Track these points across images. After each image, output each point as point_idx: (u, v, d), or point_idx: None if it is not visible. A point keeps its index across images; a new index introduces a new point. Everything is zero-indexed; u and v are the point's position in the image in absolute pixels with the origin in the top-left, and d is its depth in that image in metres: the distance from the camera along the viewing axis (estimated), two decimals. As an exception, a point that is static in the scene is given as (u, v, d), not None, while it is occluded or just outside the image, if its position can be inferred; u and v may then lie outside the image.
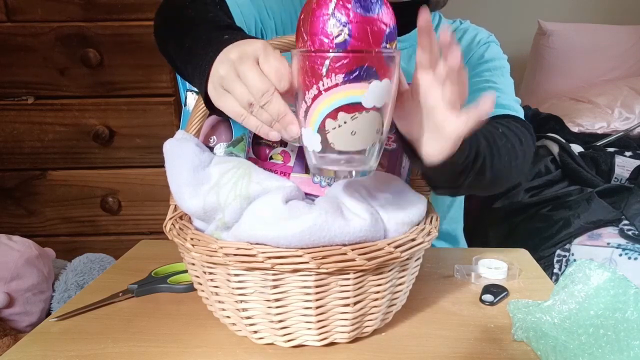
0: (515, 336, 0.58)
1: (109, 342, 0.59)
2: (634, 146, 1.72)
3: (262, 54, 0.47)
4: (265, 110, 0.47)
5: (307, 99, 0.46)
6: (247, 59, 0.47)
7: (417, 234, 0.55)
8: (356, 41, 0.43)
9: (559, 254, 1.29)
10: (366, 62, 0.43)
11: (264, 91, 0.46)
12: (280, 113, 0.47)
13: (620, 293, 0.54)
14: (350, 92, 0.44)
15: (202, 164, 0.54)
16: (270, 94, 0.46)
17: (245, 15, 0.76)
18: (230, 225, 0.52)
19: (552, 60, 2.21)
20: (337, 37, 0.43)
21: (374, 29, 0.44)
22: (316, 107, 0.45)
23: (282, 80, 0.46)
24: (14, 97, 1.39)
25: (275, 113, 0.47)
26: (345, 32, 0.43)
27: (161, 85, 1.39)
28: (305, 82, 0.45)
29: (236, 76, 0.47)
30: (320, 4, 0.44)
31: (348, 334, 0.57)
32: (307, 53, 0.44)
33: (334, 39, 0.43)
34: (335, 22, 0.43)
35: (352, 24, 0.43)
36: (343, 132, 0.46)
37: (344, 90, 0.44)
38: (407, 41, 0.86)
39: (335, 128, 0.45)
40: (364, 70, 0.43)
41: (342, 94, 0.44)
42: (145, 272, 0.74)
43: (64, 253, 1.36)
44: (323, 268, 0.50)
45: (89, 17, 1.35)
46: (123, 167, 1.45)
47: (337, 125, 0.45)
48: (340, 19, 0.43)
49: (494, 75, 0.82)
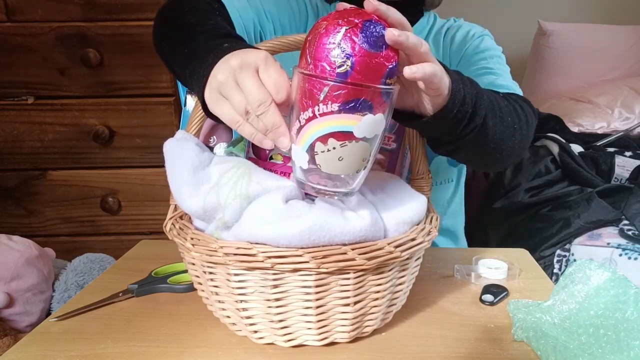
0: (515, 336, 0.58)
1: (109, 342, 0.59)
2: (634, 146, 1.72)
3: (263, 64, 0.48)
4: (260, 119, 0.48)
5: (301, 118, 0.47)
6: (248, 68, 0.48)
7: (417, 233, 0.55)
8: (357, 74, 0.44)
9: (559, 254, 1.29)
10: (363, 96, 0.44)
11: (262, 101, 0.47)
12: (275, 124, 0.47)
13: (621, 293, 0.54)
14: (344, 122, 0.45)
15: (202, 164, 0.54)
16: (267, 104, 0.47)
17: (244, 19, 0.77)
18: (230, 225, 0.52)
19: (552, 60, 2.21)
20: (339, 67, 0.44)
21: (376, 65, 0.45)
22: (309, 128, 0.46)
23: (280, 92, 0.47)
24: (14, 97, 1.39)
25: (270, 124, 0.47)
26: (348, 63, 0.44)
27: (161, 85, 1.40)
28: (302, 102, 0.46)
29: (235, 83, 0.48)
30: (328, 31, 0.45)
31: (348, 334, 0.57)
32: (309, 76, 0.45)
33: (336, 68, 0.44)
34: (340, 52, 0.44)
35: (355, 57, 0.44)
36: (331, 157, 0.47)
37: (337, 119, 0.45)
38: None
39: (324, 152, 0.47)
40: (360, 103, 0.44)
41: (336, 122, 0.45)
42: (145, 272, 0.74)
43: (64, 253, 1.36)
44: (323, 268, 0.50)
45: (89, 17, 1.35)
46: (123, 167, 1.45)
47: (326, 150, 0.47)
48: (345, 50, 0.44)
49: (489, 63, 0.83)
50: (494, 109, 0.61)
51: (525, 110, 0.70)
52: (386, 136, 0.64)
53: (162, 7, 0.71)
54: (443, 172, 0.94)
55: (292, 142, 0.48)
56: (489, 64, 0.83)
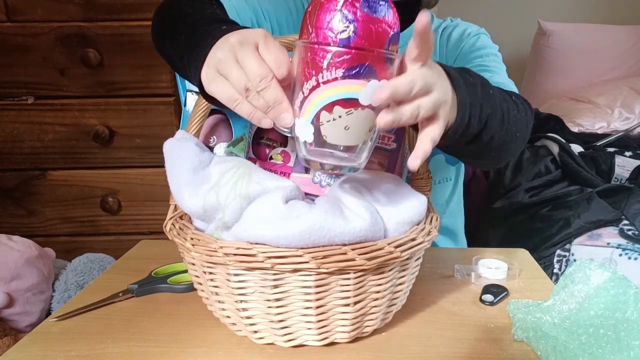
0: (515, 336, 0.58)
1: (109, 342, 0.59)
2: (634, 146, 1.72)
3: (262, 40, 0.47)
4: (261, 96, 0.47)
5: (304, 89, 0.46)
6: (247, 45, 0.47)
7: (417, 233, 0.55)
8: (360, 39, 0.44)
9: (559, 254, 1.29)
10: (367, 61, 0.44)
11: (263, 76, 0.46)
12: (277, 99, 0.46)
13: (621, 293, 0.54)
14: (348, 88, 0.44)
15: (202, 164, 0.54)
16: (269, 79, 0.46)
17: (242, 17, 0.77)
18: (230, 225, 0.52)
19: (552, 60, 2.21)
20: (341, 32, 0.44)
21: (379, 30, 0.45)
22: (313, 98, 0.46)
23: (281, 67, 0.46)
24: (14, 97, 1.39)
25: (272, 99, 0.46)
26: (351, 29, 0.44)
27: (161, 85, 1.40)
28: (305, 72, 0.46)
29: (234, 60, 0.47)
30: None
31: (348, 334, 0.57)
32: (311, 44, 0.45)
33: (338, 34, 0.44)
34: (341, 17, 0.44)
35: (357, 22, 0.44)
36: (337, 126, 0.46)
37: (342, 85, 0.45)
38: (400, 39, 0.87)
39: (329, 121, 0.46)
40: (364, 68, 0.44)
41: (340, 89, 0.45)
42: (145, 272, 0.74)
43: (64, 253, 1.36)
44: (323, 268, 0.50)
45: (89, 17, 1.35)
46: (123, 167, 1.45)
47: (331, 119, 0.46)
48: (347, 15, 0.44)
49: (485, 61, 0.83)
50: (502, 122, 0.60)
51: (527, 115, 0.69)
52: (386, 136, 0.64)
53: (160, 5, 0.71)
54: (441, 170, 0.94)
55: (296, 117, 0.47)
56: (484, 61, 0.83)
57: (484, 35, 0.89)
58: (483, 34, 0.89)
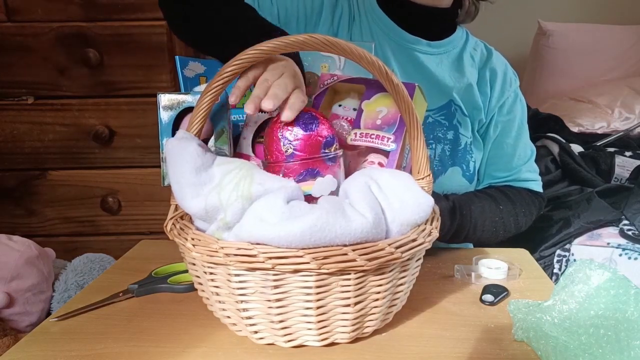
0: (515, 336, 0.58)
1: (109, 342, 0.59)
2: (634, 146, 1.72)
3: (300, 89, 0.60)
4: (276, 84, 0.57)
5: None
6: (291, 83, 0.59)
7: (417, 234, 0.55)
8: (301, 152, 0.57)
9: (559, 254, 1.29)
10: (309, 166, 0.57)
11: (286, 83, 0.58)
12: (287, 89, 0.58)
13: (621, 293, 0.54)
14: (302, 188, 0.56)
15: (204, 165, 0.54)
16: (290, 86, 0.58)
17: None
18: (231, 225, 0.52)
19: (552, 60, 2.21)
20: (286, 152, 0.58)
21: (313, 141, 0.58)
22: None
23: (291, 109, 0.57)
24: (14, 97, 1.39)
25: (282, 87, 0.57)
26: (291, 147, 0.57)
27: (161, 85, 1.39)
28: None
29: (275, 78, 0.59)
30: (272, 128, 0.58)
31: (348, 334, 0.57)
32: (268, 164, 0.59)
33: (284, 153, 0.58)
34: (284, 141, 0.58)
35: (295, 141, 0.57)
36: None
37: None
38: (439, 47, 0.91)
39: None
40: (309, 172, 0.57)
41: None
42: (145, 272, 0.74)
43: (64, 253, 1.36)
44: (324, 268, 0.50)
45: (89, 17, 1.35)
46: (123, 167, 1.45)
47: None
48: (288, 138, 0.57)
49: (515, 136, 0.94)
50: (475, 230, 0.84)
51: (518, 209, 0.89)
52: (385, 136, 0.64)
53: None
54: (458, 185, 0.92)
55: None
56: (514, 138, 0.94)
57: (517, 85, 0.98)
58: (516, 82, 0.98)
